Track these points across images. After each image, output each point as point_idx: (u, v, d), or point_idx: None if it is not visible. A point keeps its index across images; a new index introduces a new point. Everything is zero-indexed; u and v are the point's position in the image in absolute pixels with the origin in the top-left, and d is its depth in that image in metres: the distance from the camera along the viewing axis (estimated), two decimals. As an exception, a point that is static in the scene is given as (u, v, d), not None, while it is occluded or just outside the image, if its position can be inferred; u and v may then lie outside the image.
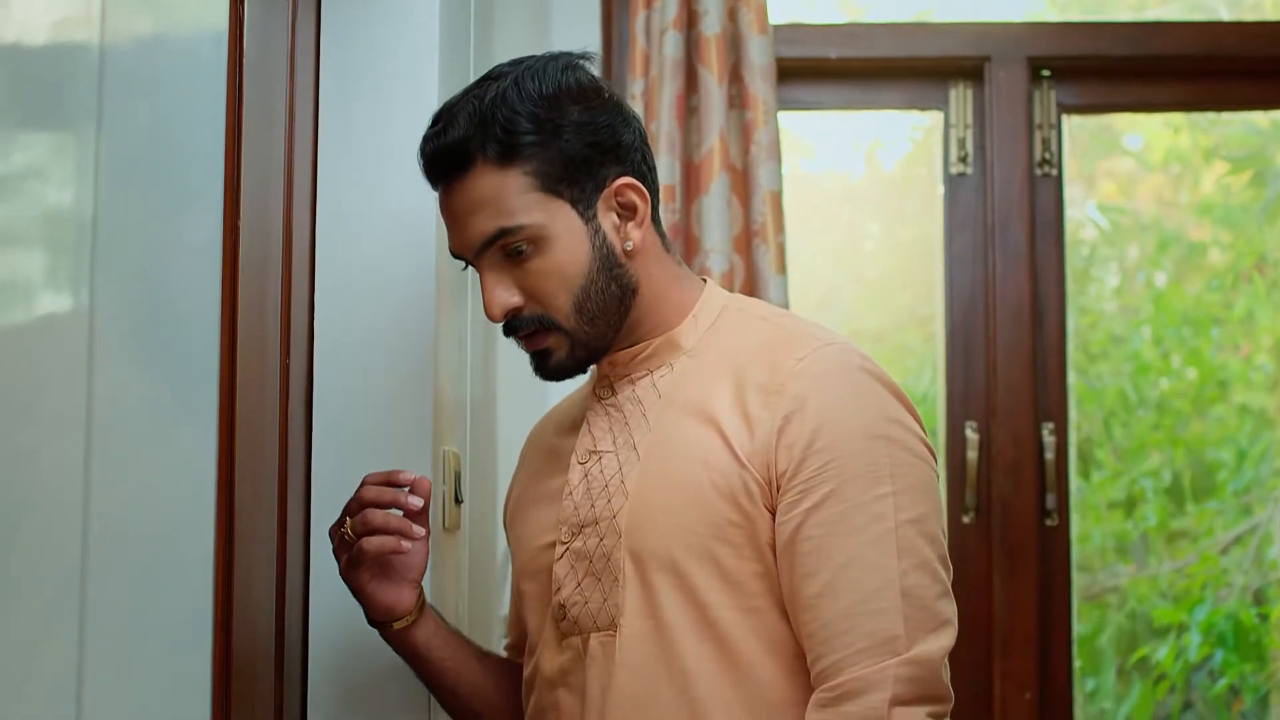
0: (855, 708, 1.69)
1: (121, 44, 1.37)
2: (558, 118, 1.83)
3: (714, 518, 1.77)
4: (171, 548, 1.51)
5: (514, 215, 1.82)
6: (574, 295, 1.84)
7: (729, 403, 1.80)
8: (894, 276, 4.39)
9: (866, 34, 3.35)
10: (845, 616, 1.72)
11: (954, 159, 3.33)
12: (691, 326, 1.91)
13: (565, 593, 1.87)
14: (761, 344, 1.84)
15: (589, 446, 1.91)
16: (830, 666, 1.72)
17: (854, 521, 1.73)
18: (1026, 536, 3.19)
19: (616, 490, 1.84)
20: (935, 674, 1.73)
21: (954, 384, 3.29)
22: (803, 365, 1.78)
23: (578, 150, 1.83)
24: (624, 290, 1.87)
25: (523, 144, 1.81)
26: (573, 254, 1.84)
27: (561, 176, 1.83)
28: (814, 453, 1.75)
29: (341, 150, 2.18)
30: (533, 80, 1.84)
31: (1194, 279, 4.79)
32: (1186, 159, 4.76)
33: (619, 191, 1.86)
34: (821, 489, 1.74)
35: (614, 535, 1.83)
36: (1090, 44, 3.31)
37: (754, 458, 1.77)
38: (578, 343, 1.87)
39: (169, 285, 1.53)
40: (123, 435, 1.37)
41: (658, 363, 1.90)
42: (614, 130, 1.87)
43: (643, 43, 3.06)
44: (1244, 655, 4.29)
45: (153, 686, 1.46)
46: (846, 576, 1.72)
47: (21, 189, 1.21)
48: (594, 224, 1.85)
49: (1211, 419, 4.67)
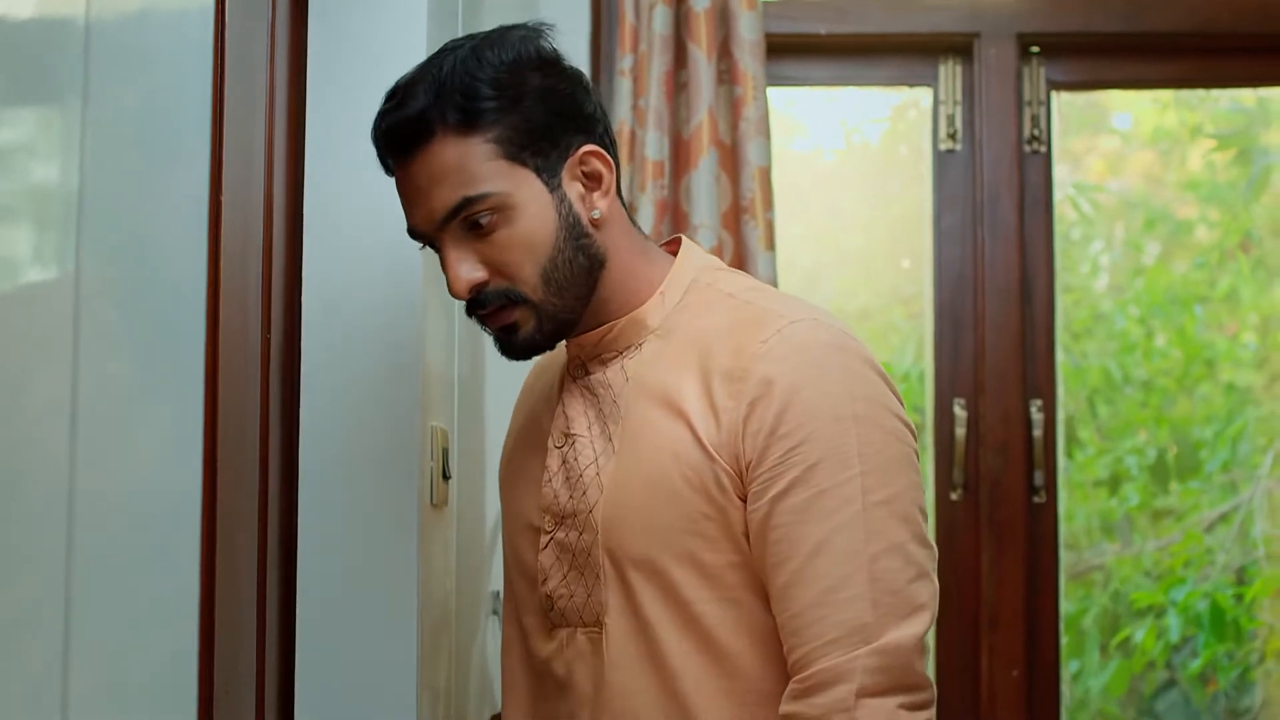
0: (824, 700, 1.67)
1: (107, 19, 1.36)
2: (519, 84, 1.78)
3: (687, 512, 1.75)
4: (156, 522, 1.50)
5: (478, 183, 1.76)
6: (541, 266, 1.78)
7: (695, 392, 1.77)
8: (881, 254, 4.38)
9: (856, 10, 3.34)
10: (814, 606, 1.69)
11: (943, 135, 3.32)
12: (658, 304, 1.86)
13: (551, 584, 1.86)
14: (727, 326, 1.79)
15: (563, 429, 1.88)
16: (802, 658, 1.70)
17: (821, 507, 1.70)
18: (1014, 514, 3.19)
19: (591, 482, 1.82)
20: (906, 663, 1.69)
21: (942, 361, 3.28)
22: (767, 347, 1.74)
23: (540, 117, 1.78)
24: (592, 261, 1.82)
25: (484, 109, 1.76)
26: (539, 223, 1.78)
27: (525, 144, 1.77)
28: (779, 439, 1.71)
29: (327, 125, 2.17)
30: (491, 49, 1.79)
31: (1181, 257, 4.79)
32: (1174, 136, 4.76)
33: (583, 160, 1.81)
34: (788, 475, 1.70)
35: (591, 531, 1.81)
36: (1080, 20, 3.31)
37: (722, 449, 1.73)
38: (545, 316, 1.80)
39: (154, 260, 1.52)
40: (108, 409, 1.37)
41: (625, 343, 1.86)
42: (575, 98, 1.82)
43: (631, 18, 3.05)
44: (1221, 636, 4.30)
45: (138, 657, 1.46)
46: (814, 565, 1.69)
47: (7, 164, 1.20)
48: (559, 193, 1.79)
49: (1197, 397, 4.68)
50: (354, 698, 2.10)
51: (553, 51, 1.83)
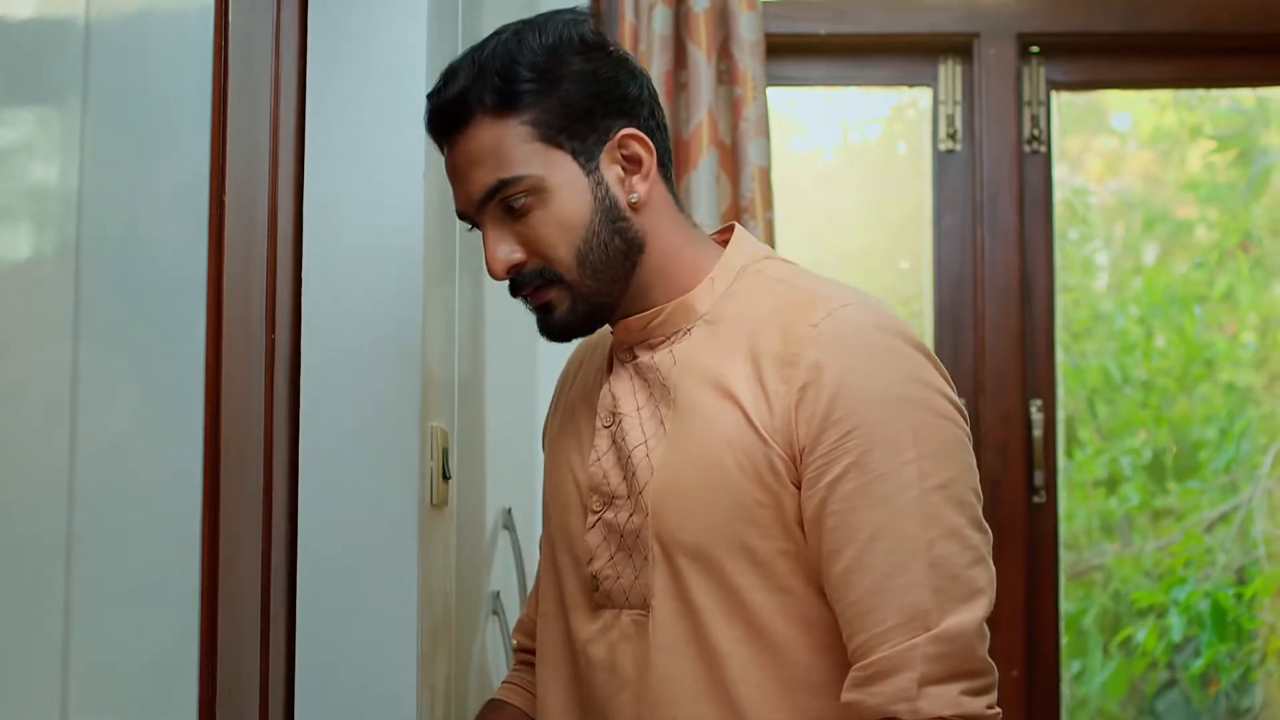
0: (886, 688, 1.66)
1: (107, 18, 1.36)
2: (558, 67, 1.80)
3: (741, 499, 1.74)
4: (157, 522, 1.50)
5: (513, 166, 1.78)
6: (575, 247, 1.80)
7: (745, 376, 1.76)
8: (880, 254, 4.38)
9: (855, 10, 3.34)
10: (873, 593, 1.67)
11: (943, 135, 3.32)
12: (708, 290, 1.85)
13: (598, 564, 1.85)
14: (776, 310, 1.79)
15: (610, 407, 1.87)
16: (862, 645, 1.68)
17: (878, 492, 1.68)
18: (1014, 513, 3.20)
19: (641, 463, 1.81)
20: (969, 648, 1.68)
21: (942, 361, 3.27)
22: (817, 331, 1.73)
23: (579, 100, 1.80)
24: (629, 245, 1.82)
25: (521, 93, 1.78)
26: (574, 204, 1.80)
27: (562, 126, 1.79)
28: (833, 423, 1.69)
29: (328, 124, 2.17)
30: (533, 33, 1.81)
31: (1180, 257, 4.79)
32: (1173, 137, 4.76)
33: (622, 143, 1.82)
34: (843, 461, 1.69)
35: (641, 513, 1.80)
36: (1080, 20, 3.31)
37: (775, 433, 1.72)
38: (580, 297, 1.82)
39: (154, 259, 1.52)
40: (108, 409, 1.36)
41: (673, 328, 1.85)
42: (618, 82, 1.83)
43: (631, 18, 3.05)
44: (1222, 636, 4.30)
45: (138, 656, 1.45)
46: (873, 551, 1.68)
47: (7, 163, 1.20)
48: (596, 175, 1.81)
49: (1197, 397, 4.68)
50: (354, 697, 2.10)
51: (597, 36, 1.84)
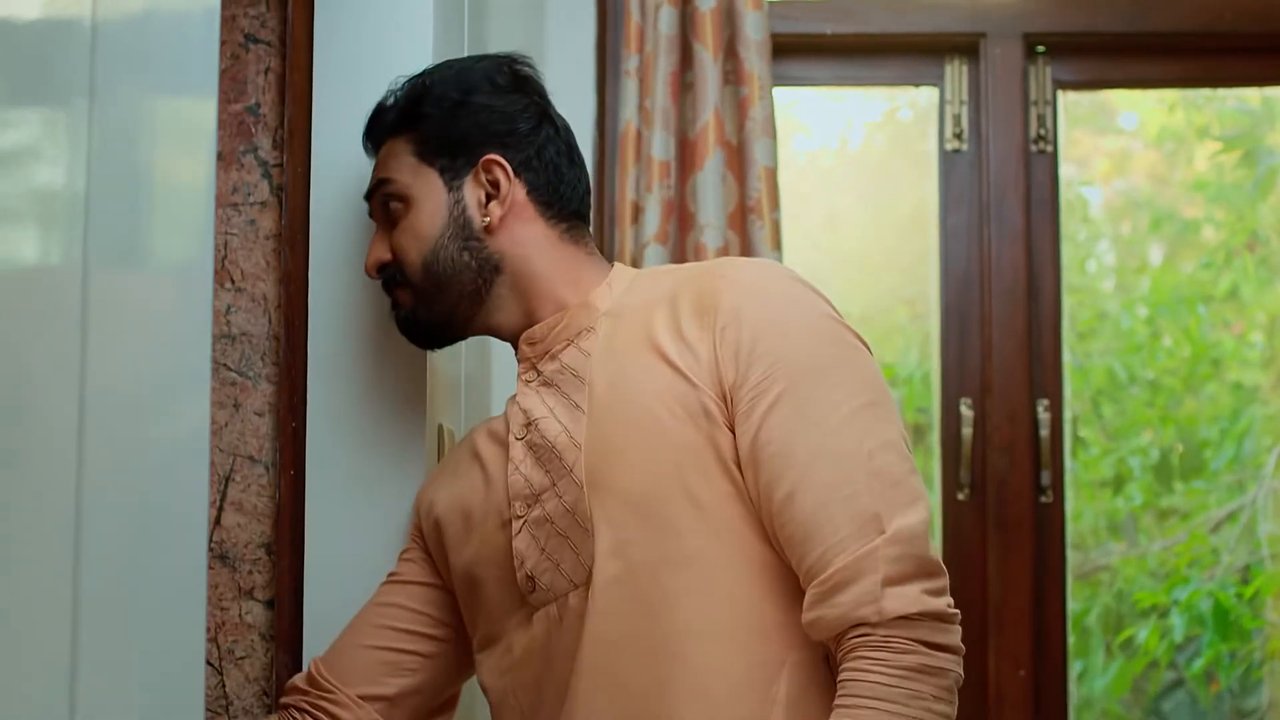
0: (847, 597, 1.66)
1: (114, 20, 1.36)
2: (459, 99, 1.97)
3: (675, 442, 1.76)
4: (164, 526, 1.50)
5: (389, 171, 1.99)
6: (424, 255, 1.95)
7: (667, 332, 1.81)
8: (885, 254, 4.37)
9: (861, 10, 3.33)
10: (821, 508, 1.69)
11: (949, 135, 3.32)
12: (606, 292, 1.94)
13: (530, 564, 1.85)
14: (678, 283, 1.87)
15: (522, 421, 1.91)
16: (816, 561, 1.69)
17: (810, 415, 1.73)
18: (1021, 513, 3.19)
19: (566, 447, 1.83)
20: (922, 548, 1.69)
21: (948, 361, 3.28)
22: (727, 282, 1.81)
23: (460, 127, 1.97)
24: (481, 263, 1.95)
25: (418, 114, 1.98)
26: (429, 218, 1.95)
27: (438, 148, 1.97)
28: (758, 357, 1.75)
29: (333, 124, 2.17)
30: (461, 67, 2.02)
31: (1187, 256, 4.78)
32: (1179, 137, 4.75)
33: (486, 168, 1.96)
34: (773, 390, 1.74)
35: (574, 489, 1.81)
36: (1086, 20, 3.30)
37: (703, 375, 1.77)
38: (421, 302, 1.97)
39: (161, 261, 1.52)
40: (116, 411, 1.36)
41: (576, 329, 1.91)
42: (511, 119, 1.98)
43: (637, 18, 3.05)
44: (1225, 635, 4.29)
45: (146, 661, 1.45)
46: (814, 471, 1.71)
47: (14, 165, 1.19)
48: (456, 194, 1.96)
49: (1203, 397, 4.67)
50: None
51: (517, 82, 2.01)
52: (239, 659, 2.11)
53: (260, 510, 2.12)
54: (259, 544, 2.12)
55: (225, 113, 2.13)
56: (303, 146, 2.15)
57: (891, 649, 1.65)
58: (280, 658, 2.09)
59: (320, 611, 2.10)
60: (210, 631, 2.10)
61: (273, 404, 2.13)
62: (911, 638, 1.65)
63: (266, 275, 2.14)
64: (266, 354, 2.13)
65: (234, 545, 2.11)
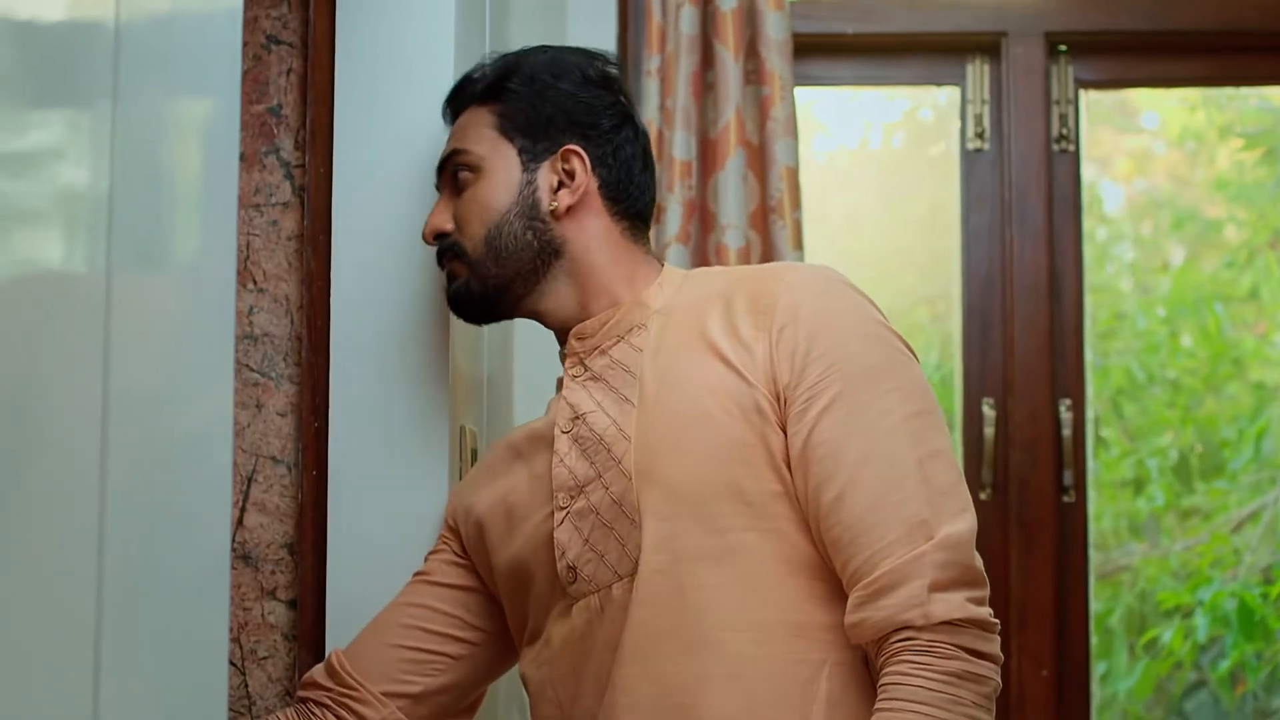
0: (893, 600, 1.67)
1: (137, 21, 1.36)
2: (551, 83, 1.99)
3: (728, 440, 1.77)
4: (188, 527, 1.50)
5: (467, 141, 1.99)
6: (487, 227, 1.96)
7: (721, 330, 1.83)
8: (907, 254, 4.37)
9: (883, 9, 3.33)
10: (870, 511, 1.71)
11: (971, 135, 3.31)
12: (658, 291, 1.95)
13: (573, 554, 1.85)
14: (736, 280, 1.89)
15: (570, 415, 1.90)
16: (863, 564, 1.70)
17: (864, 420, 1.75)
18: (1044, 513, 3.18)
19: (615, 439, 1.84)
20: (968, 557, 1.71)
21: (971, 360, 3.28)
22: (785, 283, 1.82)
23: (546, 111, 1.98)
24: (543, 245, 1.96)
25: (504, 89, 1.99)
26: (498, 190, 1.96)
27: (520, 128, 1.98)
28: (814, 359, 1.77)
29: (356, 125, 2.17)
30: (554, 52, 2.03)
31: (1209, 256, 4.77)
32: (1201, 136, 4.73)
33: (564, 157, 1.97)
34: (828, 392, 1.75)
35: (622, 480, 1.82)
36: (1108, 19, 3.29)
37: (758, 374, 1.78)
38: (476, 275, 1.97)
39: (185, 262, 1.52)
40: (139, 413, 1.37)
41: (628, 325, 1.92)
42: (596, 114, 1.99)
43: (659, 18, 3.05)
44: (1250, 636, 4.28)
45: (170, 662, 1.46)
46: (865, 473, 1.72)
47: (38, 167, 1.20)
48: (530, 175, 1.97)
49: (1224, 396, 4.65)
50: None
51: (606, 78, 2.03)
52: (261, 659, 2.11)
53: (283, 510, 2.12)
54: (281, 544, 2.12)
55: (247, 114, 2.14)
56: (325, 147, 2.15)
57: (936, 654, 1.66)
58: (303, 658, 2.10)
59: (342, 611, 2.10)
60: (233, 631, 2.10)
61: (295, 404, 2.13)
62: (955, 644, 1.67)
63: (289, 276, 2.14)
64: (289, 354, 2.13)
65: (256, 545, 2.12)
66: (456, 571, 2.02)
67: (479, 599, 2.02)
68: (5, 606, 1.10)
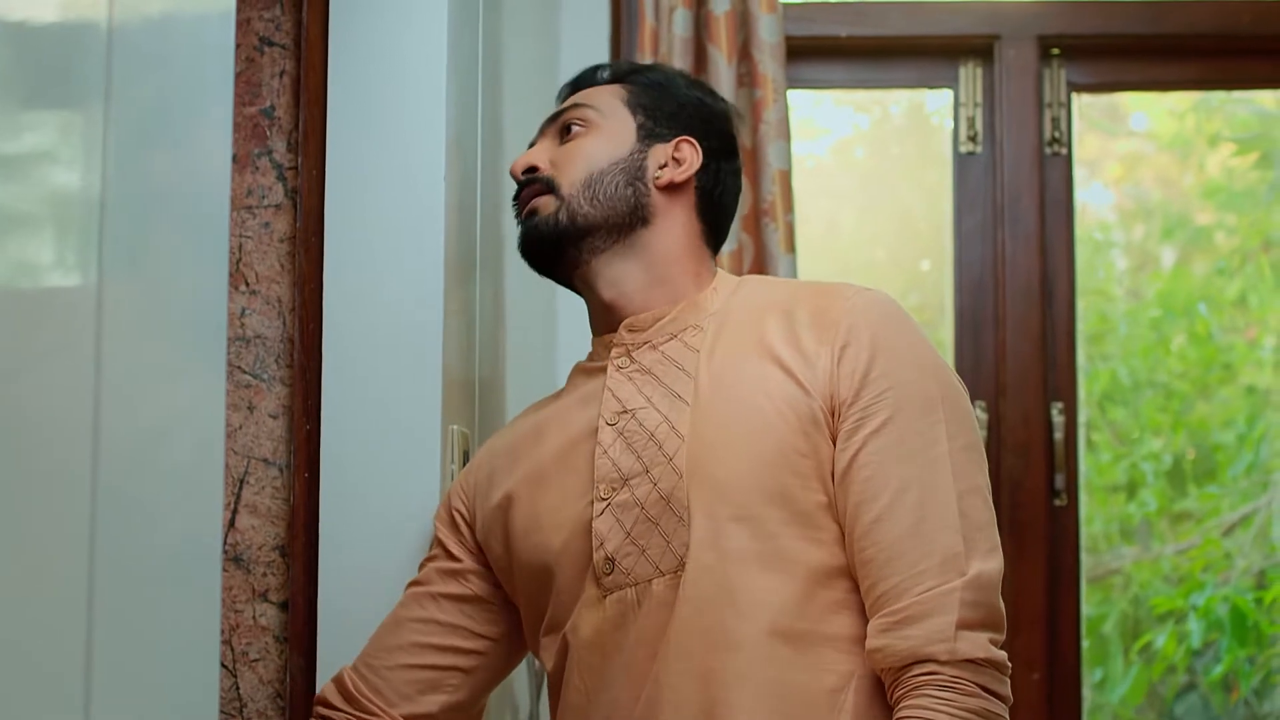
0: (918, 631, 1.69)
1: (130, 23, 1.36)
2: (682, 86, 2.08)
3: (782, 447, 1.79)
4: (179, 529, 1.50)
5: (591, 99, 2.03)
6: (590, 172, 1.97)
7: (782, 338, 1.85)
8: (899, 257, 4.37)
9: (876, 12, 3.34)
10: (906, 538, 1.73)
11: (964, 138, 3.31)
12: (713, 295, 1.97)
13: (611, 545, 1.84)
14: (797, 292, 1.93)
15: (617, 408, 1.90)
16: (891, 590, 1.72)
17: (910, 446, 1.77)
18: (1035, 516, 3.19)
19: (666, 436, 1.84)
20: (995, 598, 1.74)
21: (963, 363, 3.28)
22: (850, 304, 1.85)
23: (673, 106, 2.04)
24: (638, 203, 1.97)
25: (639, 77, 2.07)
26: (608, 145, 1.99)
27: (647, 106, 2.02)
28: (872, 380, 1.79)
29: (349, 127, 2.17)
30: (692, 77, 2.16)
31: (1200, 260, 4.77)
32: (1193, 141, 4.74)
33: (678, 146, 2.01)
34: (879, 415, 1.78)
35: (672, 476, 1.82)
36: (1101, 22, 3.30)
37: (816, 386, 1.80)
38: (565, 210, 1.97)
39: (177, 265, 1.52)
40: (131, 418, 1.36)
41: (683, 325, 1.94)
42: (714, 125, 2.05)
43: (652, 20, 3.05)
44: (1243, 641, 4.28)
45: (161, 665, 1.46)
46: (905, 500, 1.75)
47: (29, 169, 1.19)
48: (643, 145, 2.00)
49: (1216, 401, 4.66)
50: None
51: (730, 108, 2.12)
52: (253, 661, 2.11)
53: (274, 512, 2.12)
54: (273, 546, 2.12)
55: (240, 115, 2.13)
56: (317, 149, 2.15)
57: (957, 690, 1.69)
58: (294, 660, 2.09)
59: (334, 614, 2.10)
60: (224, 634, 2.10)
61: (287, 406, 2.13)
62: (976, 682, 1.70)
63: (281, 278, 2.14)
64: (281, 357, 2.13)
65: (248, 547, 2.12)
66: (454, 579, 2.02)
67: (480, 606, 2.01)
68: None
